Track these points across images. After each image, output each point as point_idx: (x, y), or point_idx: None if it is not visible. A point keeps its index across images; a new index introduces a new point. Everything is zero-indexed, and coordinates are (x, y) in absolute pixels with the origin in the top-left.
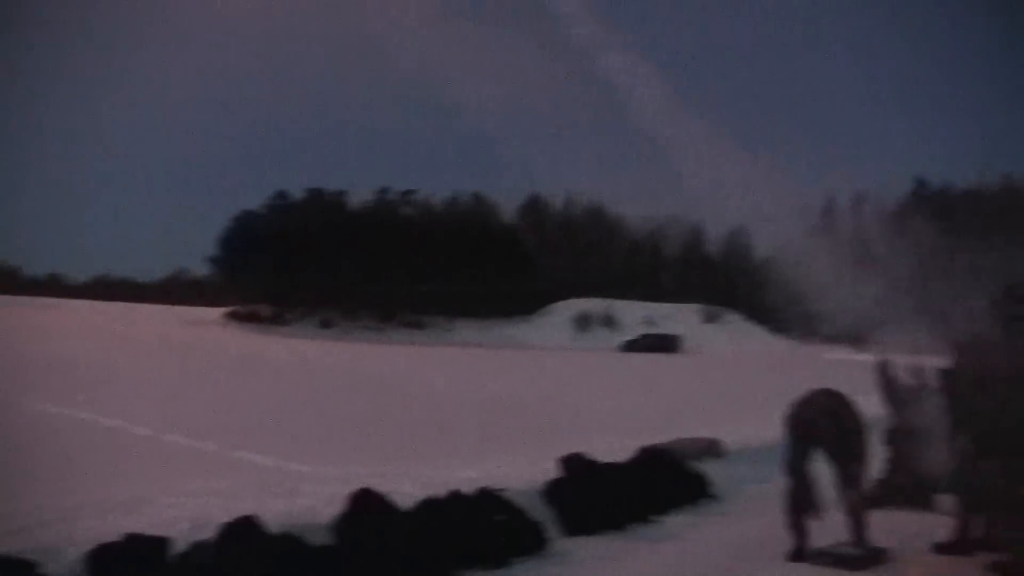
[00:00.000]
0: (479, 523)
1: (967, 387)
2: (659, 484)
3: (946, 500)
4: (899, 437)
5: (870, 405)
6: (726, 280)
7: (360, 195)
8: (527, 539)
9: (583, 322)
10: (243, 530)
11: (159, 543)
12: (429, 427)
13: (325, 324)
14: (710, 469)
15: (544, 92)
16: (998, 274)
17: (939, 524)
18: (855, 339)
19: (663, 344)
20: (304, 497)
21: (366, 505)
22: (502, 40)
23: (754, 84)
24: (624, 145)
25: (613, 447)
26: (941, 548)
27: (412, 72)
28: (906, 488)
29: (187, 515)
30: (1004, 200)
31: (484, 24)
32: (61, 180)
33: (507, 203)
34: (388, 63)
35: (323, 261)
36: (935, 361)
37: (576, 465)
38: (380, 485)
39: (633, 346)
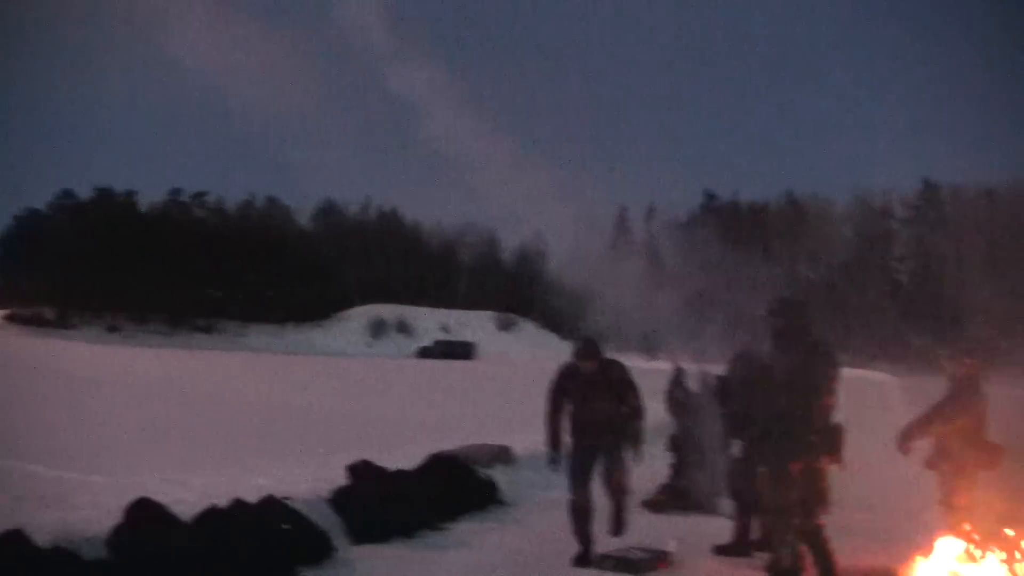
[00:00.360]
0: (263, 532)
1: (741, 395)
2: (448, 491)
3: (726, 503)
4: (683, 443)
5: (657, 411)
6: (521, 288)
7: (151, 196)
8: (313, 548)
9: (378, 328)
10: (10, 544)
11: None
12: (217, 435)
13: (112, 328)
14: (500, 475)
15: (339, 98)
16: (781, 285)
17: (720, 527)
18: (646, 347)
19: (458, 351)
20: (80, 508)
21: (144, 516)
22: (295, 46)
23: (548, 95)
24: (419, 154)
25: (405, 454)
26: (720, 550)
27: (203, 73)
28: (689, 492)
29: None
30: (788, 215)
31: (277, 29)
32: None
33: (302, 208)
34: (179, 62)
35: (111, 263)
36: (718, 369)
37: (364, 472)
38: (161, 495)
39: (428, 353)
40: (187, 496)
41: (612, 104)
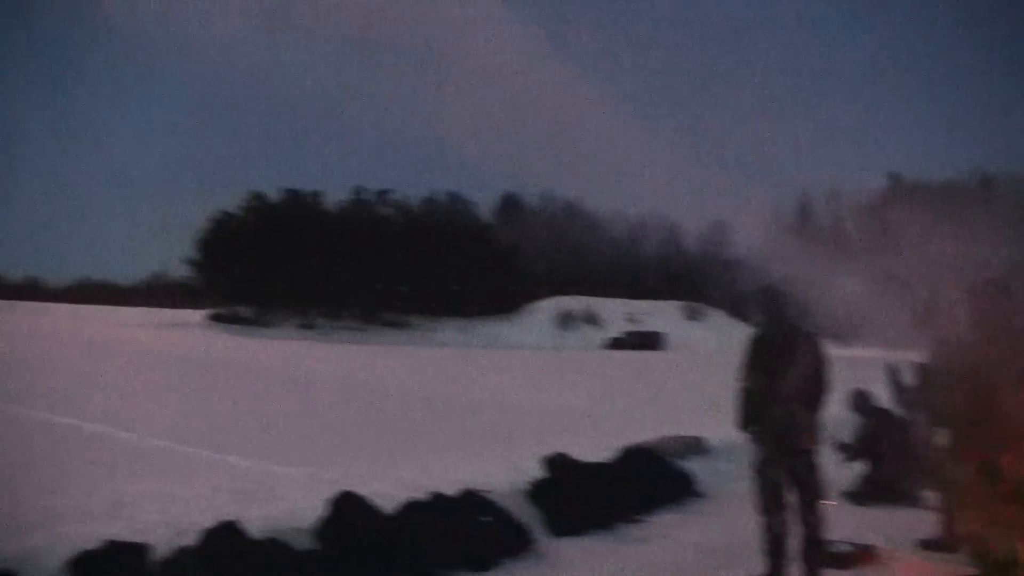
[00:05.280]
0: (463, 525)
1: (944, 383)
2: (644, 483)
3: (930, 496)
4: (882, 433)
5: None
6: (706, 277)
7: (336, 195)
8: (512, 540)
9: (566, 320)
10: (225, 535)
11: (139, 549)
12: (412, 428)
13: (307, 325)
14: (694, 467)
15: (507, 94)
16: (975, 268)
17: (925, 520)
18: (835, 335)
19: (647, 341)
20: (286, 501)
21: (348, 508)
22: (467, 50)
23: (721, 81)
24: (595, 142)
25: (597, 446)
26: (927, 544)
27: (383, 72)
28: (891, 483)
29: (169, 520)
30: (980, 194)
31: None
32: (39, 184)
33: (483, 202)
34: (362, 63)
35: (302, 262)
36: (913, 357)
37: (560, 465)
38: (362, 488)
39: (617, 344)
40: (386, 489)
41: (787, 85)
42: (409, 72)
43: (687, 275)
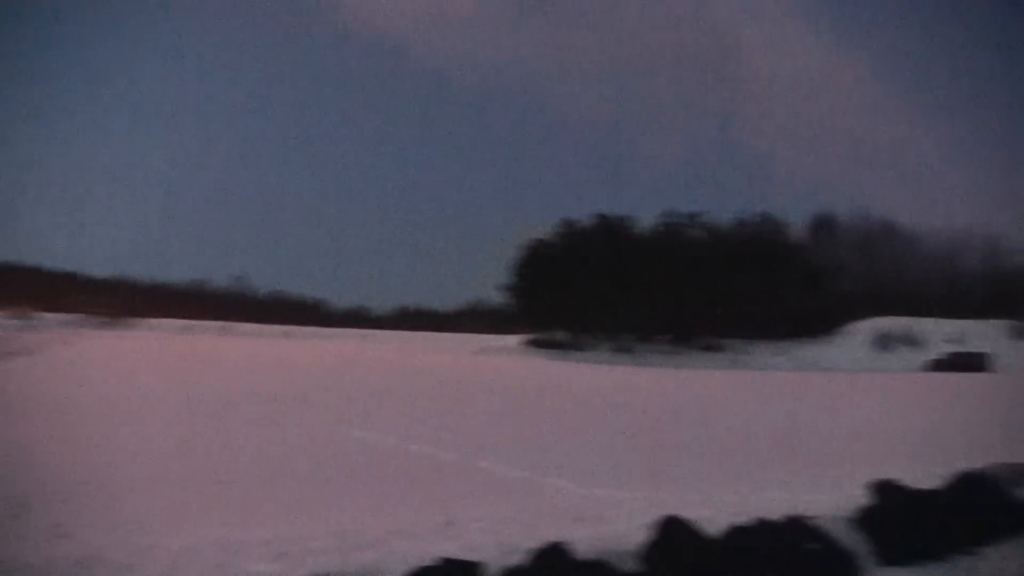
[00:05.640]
0: (789, 551)
1: None
2: (978, 512)
3: None
4: None
5: None
6: None
7: (646, 219)
8: (839, 568)
9: (883, 341)
10: (552, 556)
11: (471, 567)
12: (732, 452)
13: (621, 349)
14: None
15: (814, 107)
16: None
17: None
18: None
19: (972, 363)
20: (609, 523)
21: (674, 532)
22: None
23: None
24: (909, 157)
25: (925, 472)
26: None
27: (693, 95)
28: None
29: (496, 540)
30: None
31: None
32: (362, 218)
33: (796, 221)
34: (669, 90)
35: (615, 286)
36: None
37: (888, 491)
38: (684, 511)
39: (940, 365)
40: (708, 512)
41: None
42: (719, 94)
43: (1013, 292)
